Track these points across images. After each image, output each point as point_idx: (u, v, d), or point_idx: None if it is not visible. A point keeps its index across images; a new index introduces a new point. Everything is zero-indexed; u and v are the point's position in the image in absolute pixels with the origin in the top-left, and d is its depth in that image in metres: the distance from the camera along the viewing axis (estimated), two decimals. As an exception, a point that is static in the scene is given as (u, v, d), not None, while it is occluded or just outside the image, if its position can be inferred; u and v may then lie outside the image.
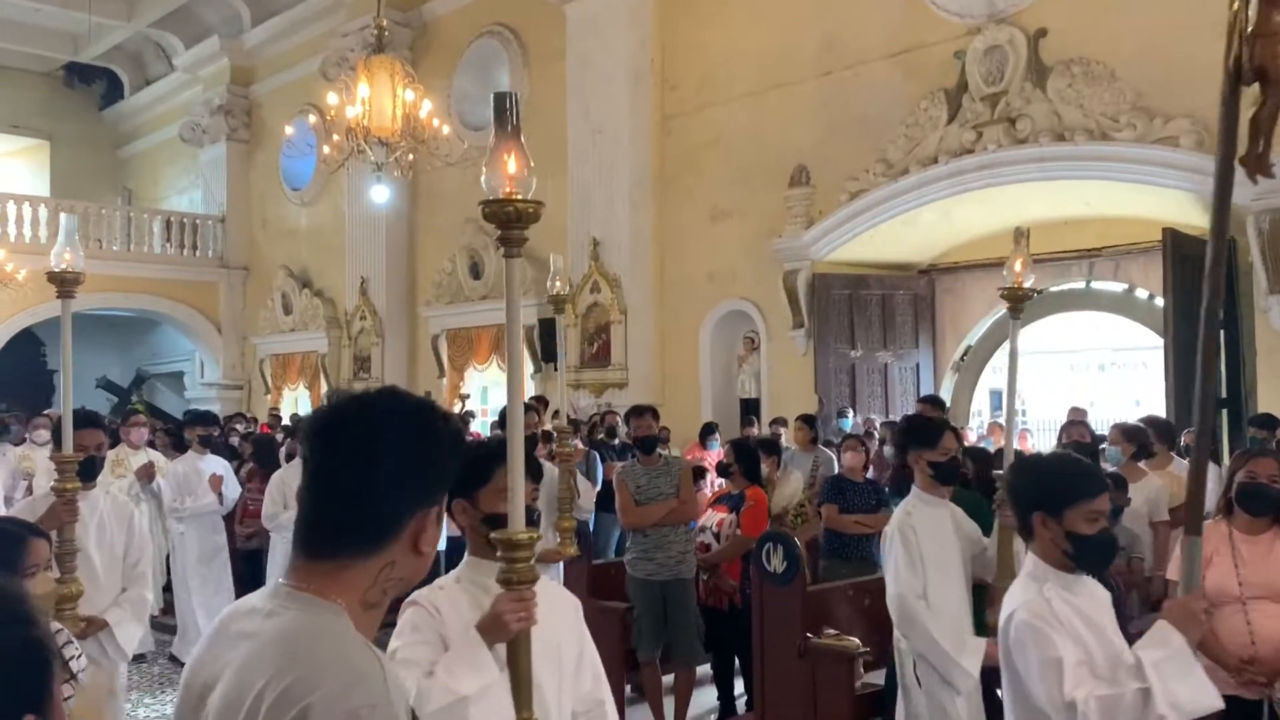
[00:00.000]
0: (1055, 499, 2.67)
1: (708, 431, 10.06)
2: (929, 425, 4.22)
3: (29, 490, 7.99)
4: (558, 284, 4.91)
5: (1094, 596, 2.73)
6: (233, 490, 7.91)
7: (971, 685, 3.82)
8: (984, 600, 4.11)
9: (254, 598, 1.41)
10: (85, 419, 4.25)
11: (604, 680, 2.52)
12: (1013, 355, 4.07)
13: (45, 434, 8.72)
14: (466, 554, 2.44)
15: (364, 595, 1.37)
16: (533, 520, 2.23)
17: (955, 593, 3.97)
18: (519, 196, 2.09)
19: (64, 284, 3.64)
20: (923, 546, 3.92)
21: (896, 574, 3.93)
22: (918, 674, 3.93)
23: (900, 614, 3.94)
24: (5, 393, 16.50)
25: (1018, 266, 3.87)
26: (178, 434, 9.59)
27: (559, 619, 2.29)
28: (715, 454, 9.67)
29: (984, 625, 3.99)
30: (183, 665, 7.05)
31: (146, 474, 7.90)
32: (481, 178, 2.08)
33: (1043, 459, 3.59)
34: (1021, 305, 3.96)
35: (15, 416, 11.33)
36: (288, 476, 6.77)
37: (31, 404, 14.58)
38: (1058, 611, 2.59)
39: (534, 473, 2.66)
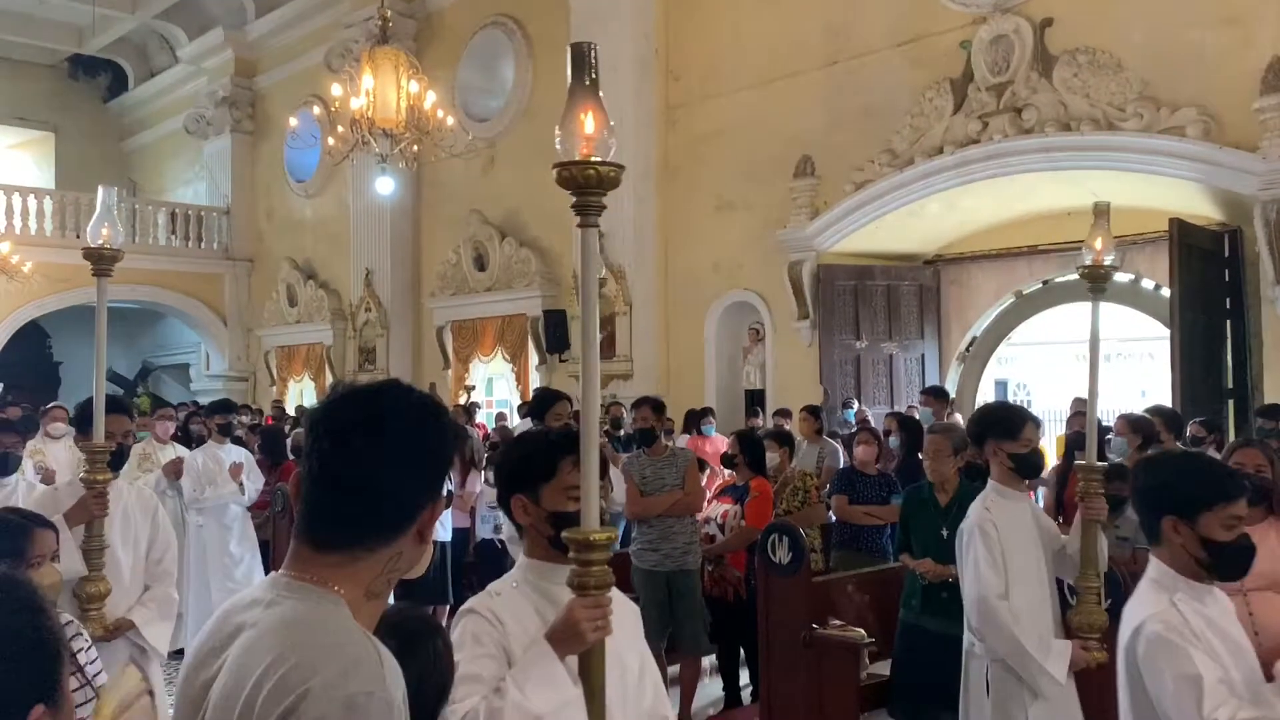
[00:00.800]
0: (1191, 502, 2.47)
1: (700, 416, 9.94)
2: (1010, 414, 3.95)
3: (45, 484, 7.92)
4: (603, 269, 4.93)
5: (1225, 609, 2.54)
6: (256, 479, 7.74)
7: (1058, 692, 3.55)
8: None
9: (254, 589, 1.42)
10: (112, 404, 3.99)
11: (665, 695, 2.34)
12: (1094, 339, 3.86)
13: (62, 426, 8.43)
14: (523, 556, 2.23)
15: (369, 585, 1.37)
16: (604, 521, 2.04)
17: (1037, 593, 3.69)
18: (597, 159, 1.89)
19: (101, 260, 3.43)
20: (1003, 543, 3.65)
21: (977, 573, 3.64)
22: (988, 679, 3.68)
23: (980, 616, 3.64)
24: (12, 385, 16.54)
25: (1098, 244, 3.64)
26: (183, 425, 9.50)
27: (619, 627, 2.08)
28: (714, 440, 9.67)
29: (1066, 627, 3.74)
30: None
31: (175, 470, 7.59)
32: (556, 138, 1.91)
33: (1176, 457, 3.46)
34: (1103, 284, 3.76)
35: (23, 408, 11.31)
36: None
37: (38, 396, 14.62)
38: (1192, 624, 2.40)
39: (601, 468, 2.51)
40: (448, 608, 8.30)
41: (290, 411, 14.59)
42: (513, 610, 2.10)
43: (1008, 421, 3.86)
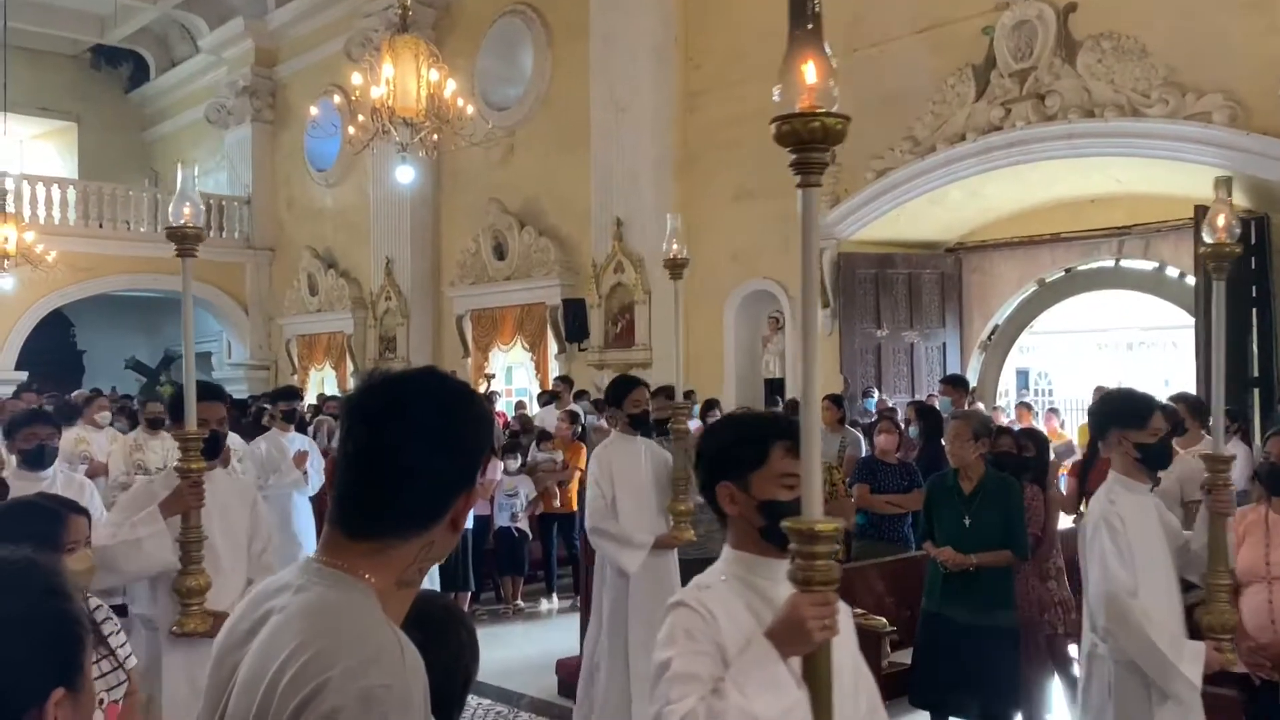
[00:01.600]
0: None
1: (707, 408, 9.85)
2: (1136, 401, 3.67)
3: (89, 475, 7.61)
4: (674, 247, 4.86)
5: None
6: (319, 468, 7.48)
7: (1194, 697, 3.34)
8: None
9: (285, 574, 1.41)
10: (208, 391, 3.76)
11: (881, 707, 2.19)
12: (1218, 322, 3.65)
13: (108, 414, 8.42)
14: (728, 548, 2.05)
15: (401, 574, 1.37)
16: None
17: (1165, 591, 3.48)
18: (821, 109, 1.71)
19: (185, 240, 3.32)
20: (1130, 538, 3.42)
21: (1105, 569, 3.40)
22: (1111, 681, 3.46)
23: (1110, 615, 3.39)
24: (36, 373, 16.70)
25: (1221, 221, 3.36)
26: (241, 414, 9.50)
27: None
28: None
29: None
30: None
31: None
32: (774, 90, 1.73)
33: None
34: (1225, 264, 3.47)
35: (53, 397, 11.37)
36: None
37: (62, 384, 14.76)
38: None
39: None
40: (469, 594, 8.36)
41: (311, 400, 14.64)
42: (724, 605, 1.94)
43: (1134, 409, 3.59)
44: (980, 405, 8.50)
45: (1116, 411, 3.62)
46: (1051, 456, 6.33)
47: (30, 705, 1.03)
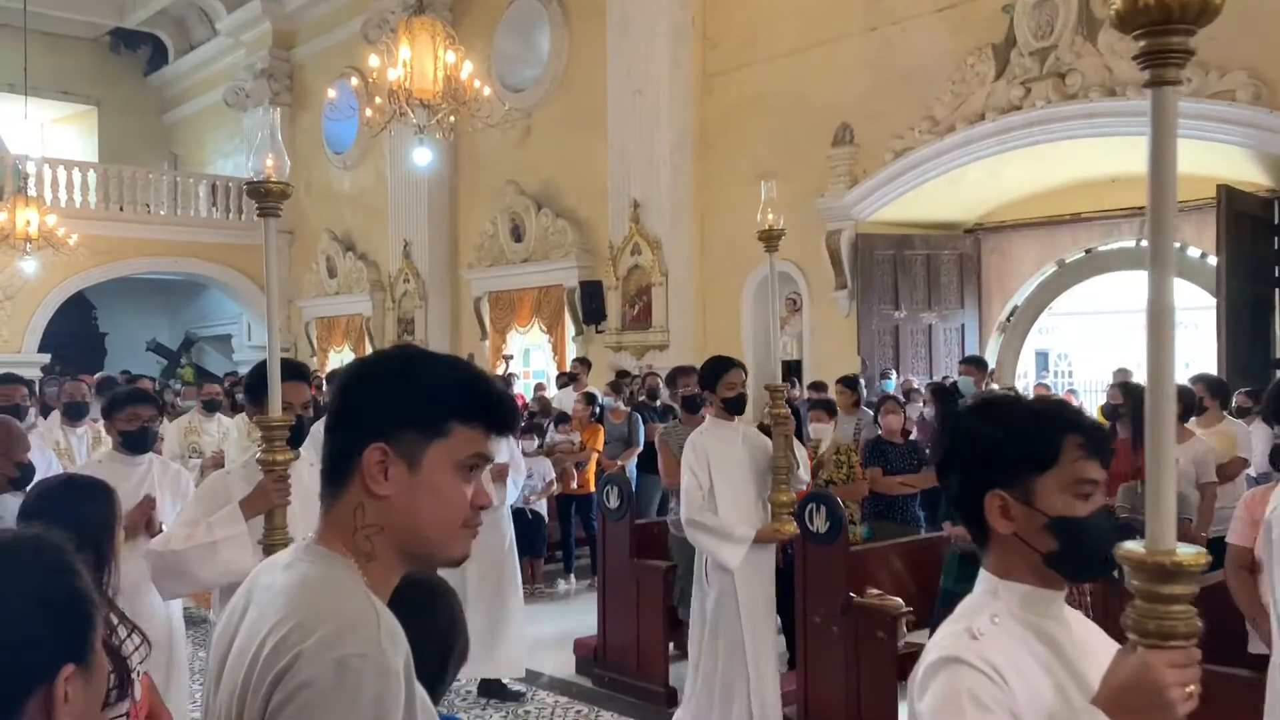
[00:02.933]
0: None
1: None
2: None
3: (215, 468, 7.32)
4: (770, 216, 4.62)
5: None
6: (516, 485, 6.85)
7: None
8: None
9: (283, 552, 1.44)
10: (289, 370, 3.25)
11: None
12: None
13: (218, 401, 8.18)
14: (993, 577, 1.57)
15: (354, 543, 1.36)
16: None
17: None
18: None
19: (268, 197, 2.77)
20: None
21: None
22: None
23: None
24: (58, 355, 16.86)
25: None
26: (231, 394, 9.56)
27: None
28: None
29: None
30: None
31: None
32: None
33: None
34: None
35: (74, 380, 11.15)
36: None
37: (84, 367, 14.89)
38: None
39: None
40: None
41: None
42: (1010, 659, 1.46)
43: None
44: (995, 386, 8.46)
45: None
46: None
47: (40, 681, 1.04)
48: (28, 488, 2.97)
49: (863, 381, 9.80)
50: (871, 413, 8.51)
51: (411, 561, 1.39)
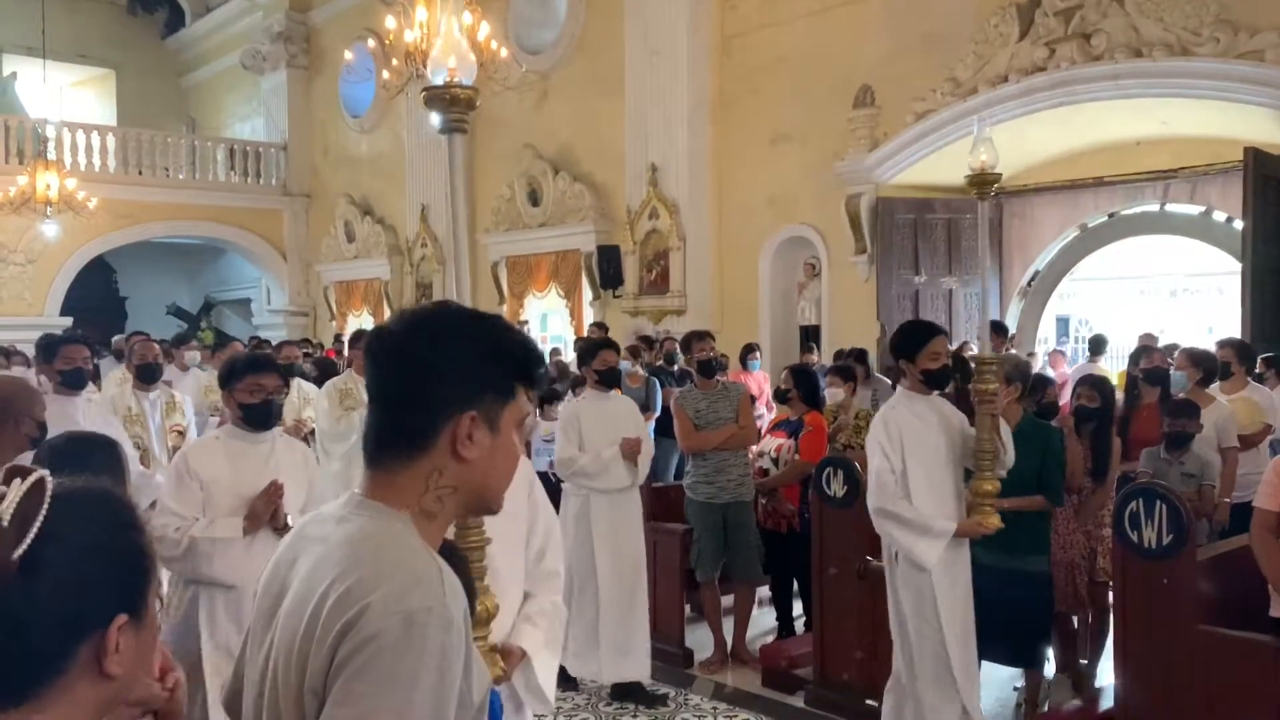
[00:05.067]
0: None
1: (747, 351, 9.99)
2: None
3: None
4: (983, 156, 4.08)
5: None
6: (648, 458, 5.80)
7: None
8: None
9: (331, 505, 1.45)
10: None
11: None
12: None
13: (196, 354, 7.82)
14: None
15: (420, 503, 1.39)
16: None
17: None
18: None
19: (453, 105, 2.32)
20: None
21: None
22: None
23: None
24: (80, 320, 16.97)
25: None
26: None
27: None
28: (757, 376, 9.74)
29: None
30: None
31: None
32: None
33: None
34: None
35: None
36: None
37: (105, 330, 14.99)
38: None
39: None
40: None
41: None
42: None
43: None
44: (1014, 351, 8.40)
45: None
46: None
47: (96, 627, 1.08)
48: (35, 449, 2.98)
49: (874, 349, 9.76)
50: (886, 379, 8.47)
51: (465, 515, 1.43)
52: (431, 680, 1.22)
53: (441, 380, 1.39)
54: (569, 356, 11.99)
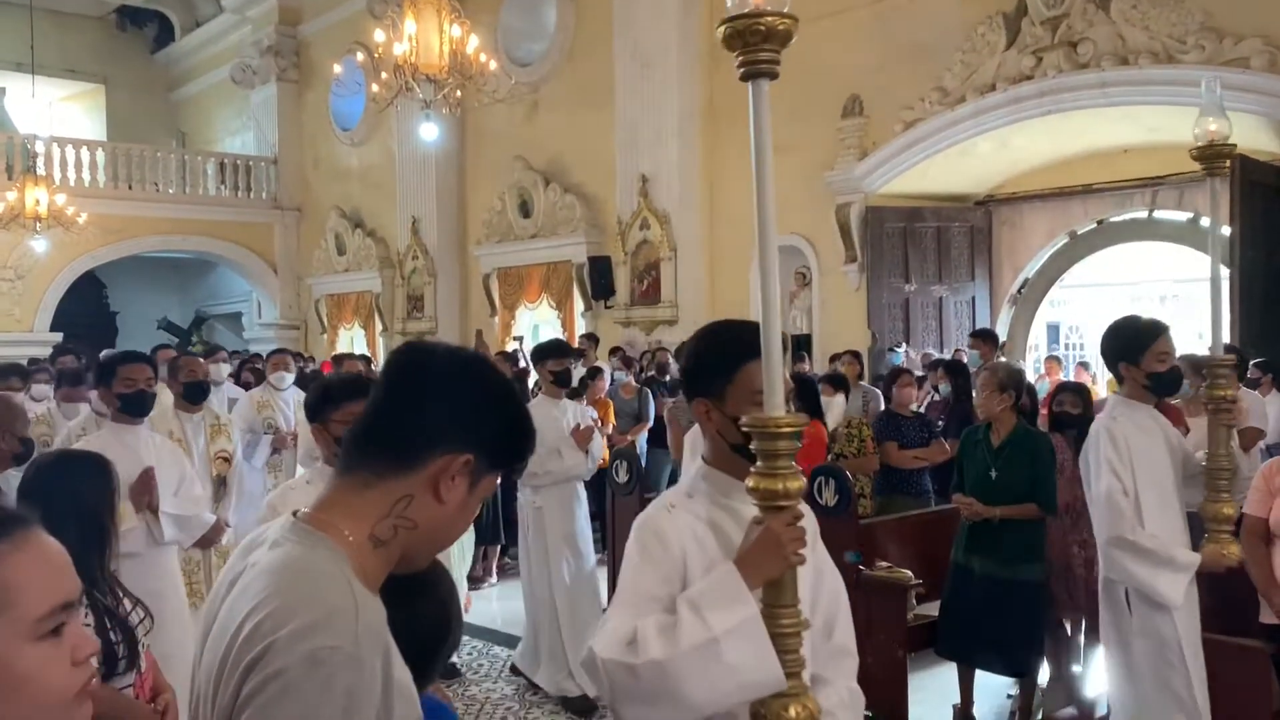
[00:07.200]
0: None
1: None
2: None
3: (274, 449, 6.94)
4: (1211, 126, 3.49)
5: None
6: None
7: None
8: None
9: (271, 527, 1.41)
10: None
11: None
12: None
13: (288, 376, 7.37)
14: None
15: (374, 528, 1.34)
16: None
17: None
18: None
19: (766, 40, 1.82)
20: None
21: None
22: None
23: None
24: (70, 335, 16.92)
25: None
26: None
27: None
28: None
29: None
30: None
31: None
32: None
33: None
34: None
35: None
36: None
37: (96, 345, 14.94)
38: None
39: None
40: (498, 548, 8.46)
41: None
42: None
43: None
44: (1003, 359, 8.44)
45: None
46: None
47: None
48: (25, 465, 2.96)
49: (872, 356, 9.79)
50: (875, 388, 8.50)
51: (399, 564, 1.39)
52: None
53: (458, 416, 1.37)
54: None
